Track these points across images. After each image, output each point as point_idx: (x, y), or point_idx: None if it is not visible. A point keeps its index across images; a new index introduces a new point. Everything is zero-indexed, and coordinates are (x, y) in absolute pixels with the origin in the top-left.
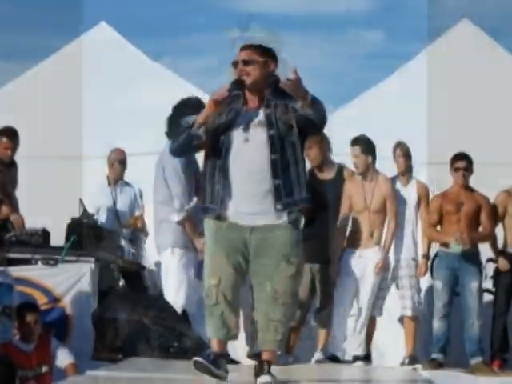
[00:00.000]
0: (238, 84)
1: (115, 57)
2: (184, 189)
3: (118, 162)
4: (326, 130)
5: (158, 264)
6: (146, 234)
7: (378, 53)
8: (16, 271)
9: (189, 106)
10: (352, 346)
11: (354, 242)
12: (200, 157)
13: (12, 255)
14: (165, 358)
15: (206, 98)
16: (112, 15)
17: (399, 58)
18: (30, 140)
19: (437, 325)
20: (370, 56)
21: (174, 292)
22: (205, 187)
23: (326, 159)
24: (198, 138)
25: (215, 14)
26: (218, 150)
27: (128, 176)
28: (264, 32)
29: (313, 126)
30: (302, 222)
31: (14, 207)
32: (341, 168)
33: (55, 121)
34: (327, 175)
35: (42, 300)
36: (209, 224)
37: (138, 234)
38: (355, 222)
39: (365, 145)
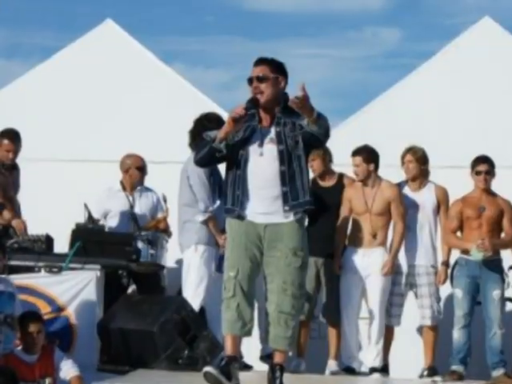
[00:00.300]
0: (252, 102)
1: (121, 55)
2: (208, 193)
3: (135, 168)
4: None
5: (178, 262)
6: (170, 235)
7: (394, 52)
8: (18, 279)
9: (211, 120)
10: (369, 356)
11: (356, 241)
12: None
13: (14, 262)
14: (173, 370)
15: (204, 97)
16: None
17: (417, 57)
18: (32, 142)
19: (457, 335)
20: (387, 55)
21: (194, 287)
22: (227, 192)
23: (327, 169)
24: (219, 151)
25: (223, 12)
26: (237, 162)
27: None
28: None
29: (317, 141)
30: (306, 221)
31: (16, 212)
32: (341, 176)
33: (59, 122)
34: (328, 183)
35: (45, 309)
36: (230, 222)
37: (158, 235)
38: (356, 222)
39: (366, 154)
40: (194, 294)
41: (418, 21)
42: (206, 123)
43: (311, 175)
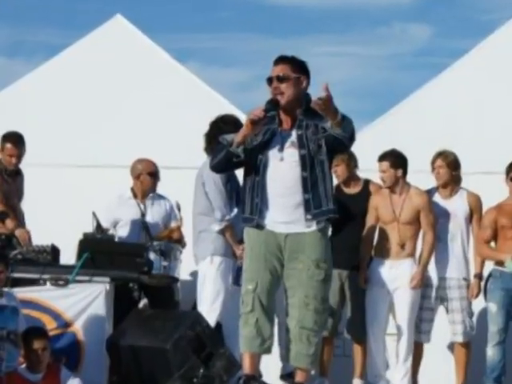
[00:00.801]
0: (272, 103)
1: (132, 53)
2: (225, 201)
3: (147, 174)
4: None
5: (193, 274)
6: (184, 245)
7: (424, 49)
8: (22, 292)
9: (228, 123)
10: (396, 375)
11: (383, 251)
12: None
13: (17, 275)
14: None
15: (221, 98)
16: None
17: (448, 56)
18: (36, 146)
19: (491, 352)
20: (416, 53)
21: (210, 302)
22: (245, 200)
23: (352, 175)
24: (237, 156)
25: (241, 7)
26: (256, 167)
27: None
28: None
29: (341, 144)
30: (330, 230)
31: (20, 221)
32: (366, 183)
33: (65, 125)
34: (353, 190)
35: (50, 325)
36: (249, 232)
37: (172, 245)
38: (383, 232)
39: (394, 159)
40: (209, 308)
41: (450, 16)
42: (223, 126)
43: (335, 181)
